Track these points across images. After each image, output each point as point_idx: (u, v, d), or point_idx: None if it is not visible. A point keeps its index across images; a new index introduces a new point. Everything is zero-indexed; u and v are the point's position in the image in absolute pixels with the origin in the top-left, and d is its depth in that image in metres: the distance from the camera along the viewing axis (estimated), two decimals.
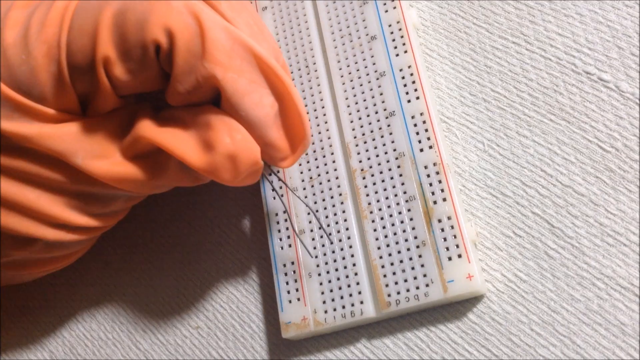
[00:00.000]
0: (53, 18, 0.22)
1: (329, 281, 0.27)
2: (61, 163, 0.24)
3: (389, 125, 0.27)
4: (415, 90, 0.27)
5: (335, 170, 0.28)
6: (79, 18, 0.22)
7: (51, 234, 0.25)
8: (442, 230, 0.25)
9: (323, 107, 0.29)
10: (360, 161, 0.28)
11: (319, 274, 0.27)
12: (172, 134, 0.23)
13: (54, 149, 0.23)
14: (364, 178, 0.27)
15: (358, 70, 0.29)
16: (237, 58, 0.22)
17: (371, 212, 0.27)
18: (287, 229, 0.28)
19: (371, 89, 0.28)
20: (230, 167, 0.23)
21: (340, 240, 0.27)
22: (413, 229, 0.26)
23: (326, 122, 0.29)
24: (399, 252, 0.26)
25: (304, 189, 0.28)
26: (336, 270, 0.27)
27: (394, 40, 0.28)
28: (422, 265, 0.25)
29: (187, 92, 0.23)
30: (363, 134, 0.28)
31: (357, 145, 0.28)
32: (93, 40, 0.22)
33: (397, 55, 0.28)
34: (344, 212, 0.27)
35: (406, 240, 0.26)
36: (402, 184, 0.26)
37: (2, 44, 0.23)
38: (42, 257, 0.27)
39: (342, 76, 0.29)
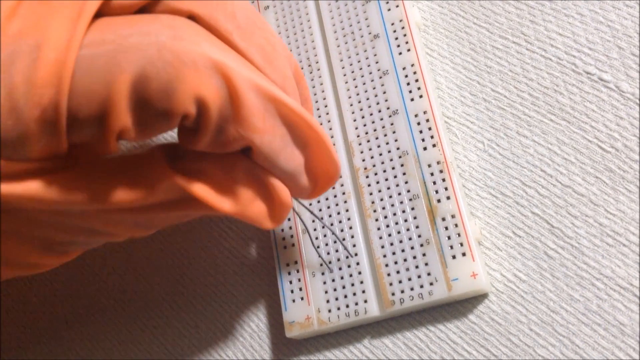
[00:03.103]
0: (45, 77, 0.18)
1: (333, 280, 0.27)
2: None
3: (392, 124, 0.27)
4: (419, 88, 0.27)
5: None
6: (84, 81, 0.18)
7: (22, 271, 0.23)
8: (446, 228, 0.25)
9: (326, 106, 0.29)
10: (363, 160, 0.28)
11: (323, 273, 0.27)
12: (206, 184, 0.21)
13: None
14: (367, 177, 0.27)
15: (361, 69, 0.29)
16: (270, 118, 0.20)
17: (375, 211, 0.27)
18: (291, 228, 0.28)
19: (374, 88, 0.28)
20: (267, 220, 0.22)
21: (344, 239, 0.27)
22: (417, 227, 0.26)
23: (329, 121, 0.29)
24: (403, 250, 0.26)
25: None
26: (340, 269, 0.27)
27: (396, 38, 0.28)
28: (426, 264, 0.25)
29: (213, 148, 0.21)
30: (366, 133, 0.28)
31: (360, 144, 0.28)
32: (106, 109, 0.18)
33: (400, 53, 0.28)
34: (347, 211, 0.27)
35: (410, 238, 0.26)
36: (406, 182, 0.26)
37: None
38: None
39: (344, 75, 0.29)
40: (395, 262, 0.26)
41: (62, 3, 0.18)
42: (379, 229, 0.27)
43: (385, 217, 0.27)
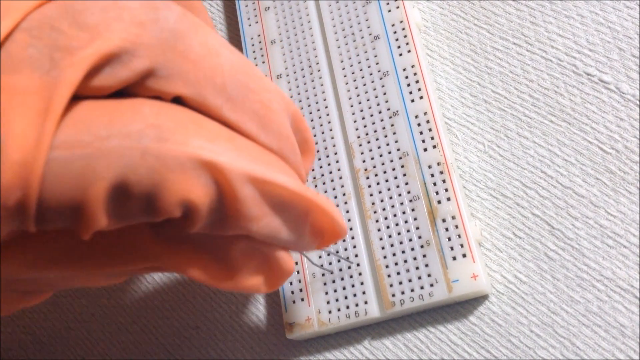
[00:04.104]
0: (10, 180, 0.16)
1: (333, 281, 0.27)
2: None
3: (392, 125, 0.27)
4: (419, 89, 0.27)
5: (339, 170, 0.28)
6: (56, 186, 0.16)
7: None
8: (447, 229, 0.25)
9: (326, 107, 0.29)
10: (364, 161, 0.28)
11: (323, 274, 0.27)
12: (200, 264, 0.20)
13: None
14: (367, 178, 0.27)
15: (361, 70, 0.29)
16: (268, 202, 0.19)
17: (375, 212, 0.27)
18: None
19: (374, 89, 0.28)
20: (263, 289, 0.22)
21: (344, 241, 0.27)
22: (417, 228, 0.26)
23: (329, 122, 0.29)
24: (403, 252, 0.26)
25: None
26: (340, 270, 0.27)
27: (397, 39, 0.28)
28: (427, 265, 0.25)
29: (207, 232, 0.20)
30: (367, 134, 0.28)
31: (360, 145, 0.28)
32: (80, 214, 0.17)
33: (401, 55, 0.28)
34: (347, 212, 0.27)
35: (410, 240, 0.26)
36: (406, 183, 0.26)
37: None
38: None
39: (345, 76, 0.29)
40: (396, 263, 0.26)
41: (25, 89, 0.16)
42: (379, 230, 0.27)
43: (386, 218, 0.27)
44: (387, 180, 0.27)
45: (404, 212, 0.26)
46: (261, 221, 0.19)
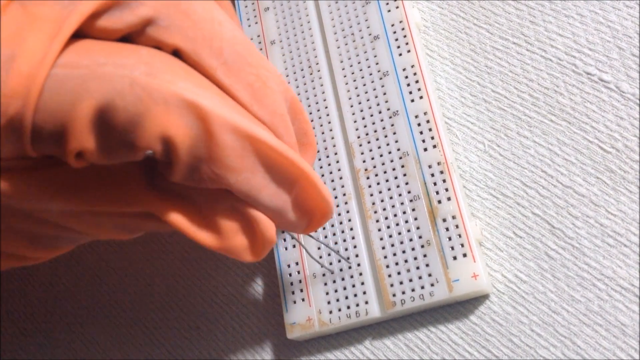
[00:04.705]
0: (15, 88, 0.18)
1: (334, 281, 0.27)
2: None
3: (392, 125, 0.27)
4: (419, 89, 0.27)
5: (339, 170, 0.28)
6: (51, 99, 0.18)
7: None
8: (447, 229, 0.25)
9: (326, 107, 0.29)
10: (364, 161, 0.28)
11: (324, 274, 0.27)
12: (184, 213, 0.21)
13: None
14: (368, 178, 0.27)
15: (361, 70, 0.29)
16: (250, 156, 0.20)
17: (375, 212, 0.27)
18: None
19: (374, 89, 0.28)
20: (248, 254, 0.22)
21: (344, 241, 0.27)
22: (418, 228, 0.26)
23: (329, 122, 0.29)
24: (404, 251, 0.26)
25: None
26: (341, 270, 0.27)
27: (396, 39, 0.28)
28: (427, 265, 0.25)
29: (189, 183, 0.20)
30: (367, 134, 0.28)
31: (360, 145, 0.28)
32: (66, 129, 0.18)
33: (400, 54, 0.28)
34: (348, 212, 0.27)
35: (411, 239, 0.26)
36: (407, 183, 0.27)
37: None
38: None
39: (345, 76, 0.29)
40: (396, 263, 0.26)
41: (44, 15, 0.18)
42: (379, 230, 0.27)
43: (386, 218, 0.27)
44: (387, 180, 0.27)
45: (404, 212, 0.26)
46: (240, 175, 0.20)
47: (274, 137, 0.20)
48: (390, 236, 0.26)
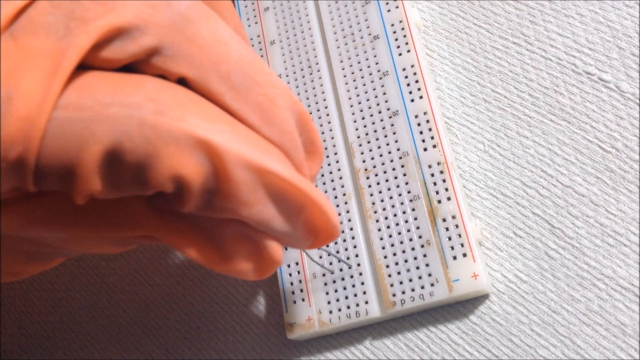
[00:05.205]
0: (13, 133, 0.17)
1: (334, 281, 0.27)
2: None
3: (392, 125, 0.27)
4: (419, 89, 0.27)
5: (339, 170, 0.28)
6: (55, 144, 0.17)
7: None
8: (447, 229, 0.25)
9: (326, 107, 0.29)
10: (364, 161, 0.28)
11: (324, 274, 0.27)
12: (190, 239, 0.20)
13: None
14: (367, 178, 0.27)
15: (361, 70, 0.29)
16: (261, 189, 0.19)
17: (375, 212, 0.27)
18: None
19: (374, 89, 0.28)
20: (252, 275, 0.21)
21: (344, 241, 0.27)
22: (417, 228, 0.26)
23: (329, 122, 0.29)
24: (404, 251, 0.26)
25: None
26: (341, 270, 0.27)
27: (396, 39, 0.28)
28: (427, 265, 0.25)
29: (200, 213, 0.20)
30: (366, 134, 0.28)
31: (360, 145, 0.28)
32: (74, 175, 0.18)
33: (400, 54, 0.28)
34: (348, 212, 0.27)
35: (411, 239, 0.26)
36: (406, 183, 0.27)
37: None
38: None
39: (345, 76, 0.29)
40: (396, 263, 0.26)
41: (39, 50, 0.17)
42: (379, 229, 0.27)
43: (386, 218, 0.27)
44: (387, 180, 0.27)
45: (404, 212, 0.26)
46: (253, 207, 0.19)
47: (283, 167, 0.20)
48: (390, 236, 0.26)
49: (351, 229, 0.27)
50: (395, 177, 0.27)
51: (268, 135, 0.20)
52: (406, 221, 0.26)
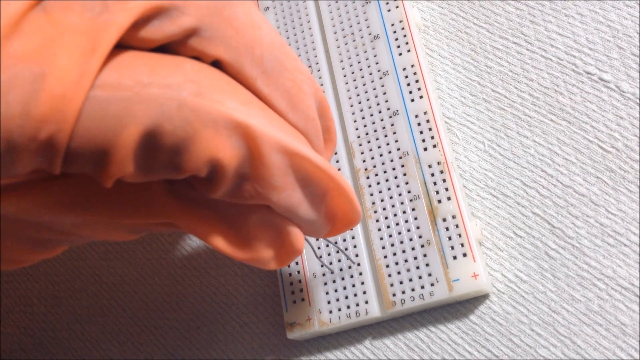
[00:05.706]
0: (46, 112, 0.16)
1: (334, 281, 0.27)
2: None
3: (392, 125, 0.27)
4: (419, 89, 0.27)
5: (339, 170, 0.28)
6: (91, 124, 0.16)
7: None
8: (447, 229, 0.25)
9: None
10: (364, 161, 0.28)
11: (324, 274, 0.27)
12: (212, 227, 0.20)
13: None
14: (367, 178, 0.27)
15: (361, 69, 0.29)
16: (291, 174, 0.19)
17: (375, 212, 0.27)
18: None
19: (374, 89, 0.28)
20: (273, 263, 0.22)
21: (344, 240, 0.27)
22: (418, 228, 0.26)
23: None
24: (404, 251, 0.26)
25: None
26: (341, 270, 0.27)
27: (396, 39, 0.28)
28: (427, 265, 0.25)
29: (228, 199, 0.20)
30: (367, 134, 0.28)
31: (360, 145, 0.28)
32: (109, 157, 0.17)
33: (400, 54, 0.28)
34: None
35: (411, 239, 0.26)
36: (407, 183, 0.27)
37: None
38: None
39: (345, 76, 0.29)
40: (396, 263, 0.26)
41: (75, 26, 0.16)
42: (379, 229, 0.27)
43: (386, 217, 0.27)
44: (387, 180, 0.27)
45: (404, 212, 0.26)
46: (283, 192, 0.19)
47: (312, 150, 0.20)
48: (390, 236, 0.26)
49: (351, 229, 0.27)
50: (395, 177, 0.27)
51: (294, 121, 0.20)
52: (406, 221, 0.26)
